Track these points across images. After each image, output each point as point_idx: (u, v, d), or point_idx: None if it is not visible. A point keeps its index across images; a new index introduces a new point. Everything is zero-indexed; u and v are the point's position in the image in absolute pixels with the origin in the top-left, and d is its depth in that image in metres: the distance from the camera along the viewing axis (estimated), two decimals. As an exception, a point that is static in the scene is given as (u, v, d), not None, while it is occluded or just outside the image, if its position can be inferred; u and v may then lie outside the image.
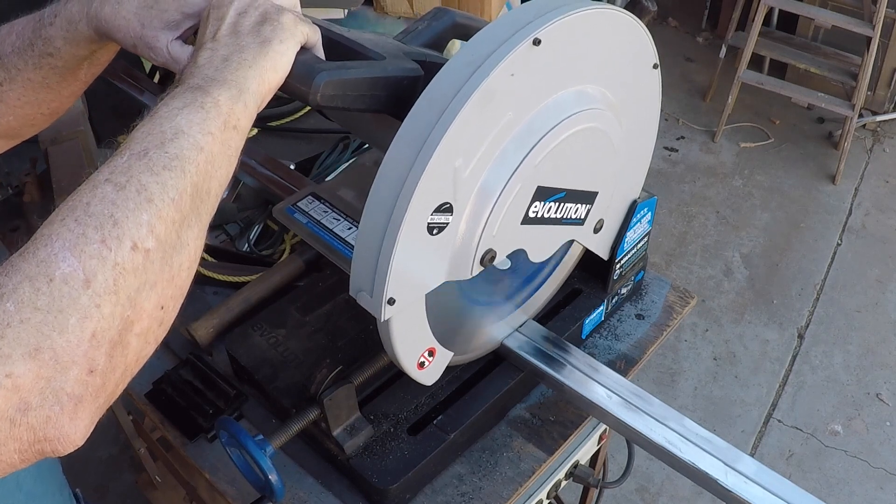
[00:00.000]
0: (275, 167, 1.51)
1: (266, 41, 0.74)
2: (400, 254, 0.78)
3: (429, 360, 0.97)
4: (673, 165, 3.72)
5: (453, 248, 0.85)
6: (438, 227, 0.81)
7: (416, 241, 0.80)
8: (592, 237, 1.07)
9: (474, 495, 1.06)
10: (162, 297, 0.61)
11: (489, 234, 0.85)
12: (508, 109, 0.81)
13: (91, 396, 0.55)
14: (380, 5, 2.23)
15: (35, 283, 0.53)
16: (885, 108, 3.93)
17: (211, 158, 0.65)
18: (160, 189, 0.60)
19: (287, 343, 1.16)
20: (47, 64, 0.83)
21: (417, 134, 0.77)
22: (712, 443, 0.98)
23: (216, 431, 1.10)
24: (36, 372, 0.51)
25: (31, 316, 0.52)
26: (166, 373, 1.22)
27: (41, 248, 0.55)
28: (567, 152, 0.90)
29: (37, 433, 0.53)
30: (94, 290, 0.54)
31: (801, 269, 3.21)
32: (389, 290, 0.80)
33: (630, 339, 1.28)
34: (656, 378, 2.77)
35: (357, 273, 0.83)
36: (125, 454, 2.48)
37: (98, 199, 0.57)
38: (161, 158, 0.61)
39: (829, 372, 2.82)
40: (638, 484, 2.45)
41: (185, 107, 0.65)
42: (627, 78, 0.97)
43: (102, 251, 0.55)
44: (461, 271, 0.87)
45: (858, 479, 2.49)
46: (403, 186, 0.77)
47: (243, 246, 1.45)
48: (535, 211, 0.90)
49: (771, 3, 3.48)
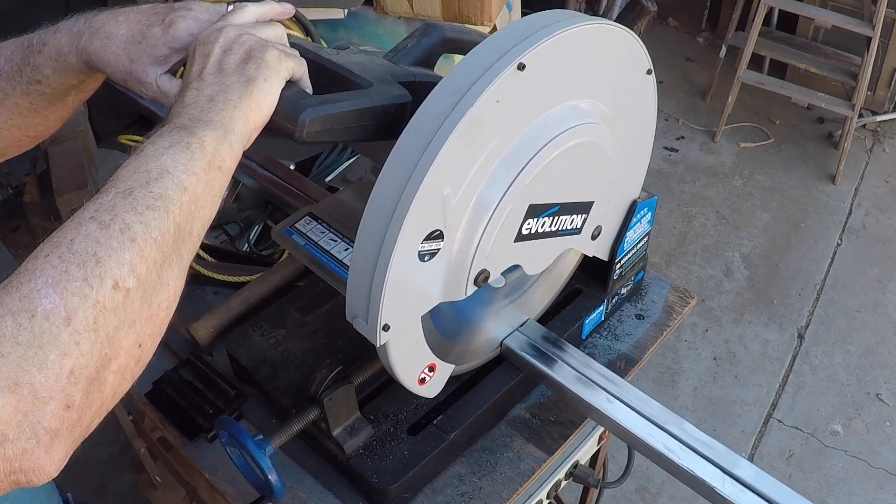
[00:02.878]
0: (275, 167, 1.51)
1: (251, 80, 0.74)
2: (392, 282, 0.79)
3: (429, 376, 0.98)
4: (673, 165, 3.72)
5: (446, 272, 0.85)
6: (430, 254, 0.81)
7: (408, 268, 0.80)
8: (590, 244, 1.07)
9: (474, 495, 1.06)
10: (140, 335, 0.61)
11: (482, 255, 0.85)
12: (496, 134, 0.81)
13: (67, 431, 0.56)
14: (380, 5, 2.23)
15: (17, 318, 0.53)
16: (885, 108, 3.93)
17: (195, 199, 0.66)
18: (143, 229, 0.60)
19: (287, 343, 1.16)
20: (35, 91, 0.84)
21: (405, 164, 0.77)
22: (711, 447, 0.98)
23: (216, 431, 1.10)
24: (14, 405, 0.52)
25: (11, 350, 0.52)
26: (166, 373, 1.22)
27: (24, 284, 0.55)
28: (559, 168, 0.89)
29: (12, 464, 0.53)
30: (74, 327, 0.55)
31: (801, 269, 3.21)
32: (384, 317, 0.81)
33: (630, 339, 1.28)
34: (656, 378, 2.77)
35: (352, 300, 0.84)
36: (125, 454, 2.48)
37: (82, 236, 0.58)
38: (145, 198, 0.62)
39: (829, 372, 2.81)
40: (638, 484, 2.45)
41: (171, 146, 0.66)
42: (620, 88, 0.96)
43: (84, 289, 0.56)
44: (455, 293, 0.87)
45: (858, 479, 2.49)
46: (392, 217, 0.77)
47: (243, 246, 1.46)
48: (528, 228, 0.90)
49: (771, 3, 3.48)
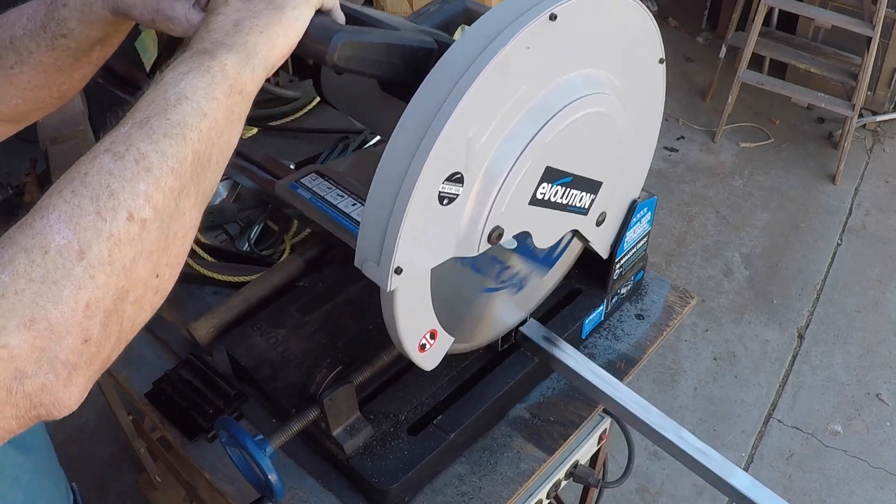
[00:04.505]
0: (275, 167, 1.51)
1: (279, 7, 0.72)
2: (409, 221, 0.78)
3: (430, 343, 0.97)
4: (673, 165, 3.72)
5: (462, 222, 0.85)
6: (449, 198, 0.81)
7: (427, 209, 0.79)
8: (595, 230, 1.07)
9: (474, 495, 1.06)
10: (157, 265, 0.60)
11: (497, 211, 0.85)
12: (522, 83, 0.82)
13: (85, 364, 0.56)
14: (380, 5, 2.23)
15: (30, 255, 0.53)
16: (885, 108, 3.93)
17: (214, 125, 0.64)
18: (159, 158, 0.59)
19: (287, 343, 1.16)
20: (60, 46, 0.83)
21: (433, 101, 0.77)
22: (708, 455, 0.98)
23: (216, 431, 1.10)
24: (31, 342, 0.52)
25: (25, 287, 0.52)
26: (166, 373, 1.22)
27: (37, 220, 0.55)
28: (576, 135, 0.90)
29: (32, 400, 0.54)
30: (88, 261, 0.55)
31: (801, 269, 3.21)
32: (397, 258, 0.79)
33: (630, 339, 1.28)
34: (656, 378, 2.77)
35: (364, 242, 0.82)
36: (125, 454, 2.48)
37: (96, 169, 0.58)
38: (162, 126, 0.61)
39: (829, 372, 2.81)
40: (638, 484, 2.45)
41: (191, 71, 0.65)
42: (635, 68, 0.98)
43: (97, 223, 0.55)
44: (468, 247, 0.86)
45: (858, 479, 2.49)
46: (416, 152, 0.77)
47: (243, 246, 1.45)
48: (542, 192, 0.90)
49: (771, 3, 3.48)
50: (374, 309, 1.21)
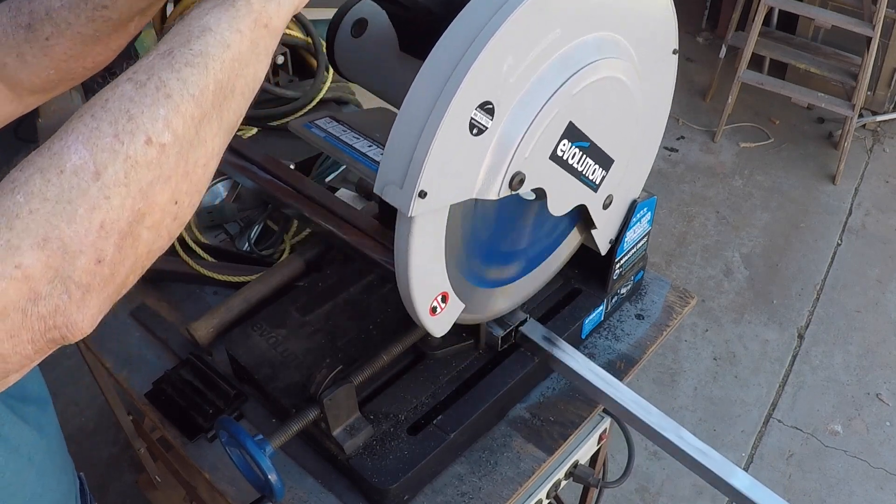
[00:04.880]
0: (275, 167, 1.51)
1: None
2: (440, 142, 0.77)
3: (441, 307, 0.97)
4: (673, 165, 3.72)
5: (486, 159, 0.85)
6: (479, 128, 0.81)
7: (457, 135, 0.79)
8: (601, 212, 1.08)
9: (474, 495, 1.06)
10: (176, 191, 0.61)
11: (521, 156, 0.86)
12: (558, 26, 0.83)
13: (99, 286, 0.56)
14: (380, 5, 2.22)
15: (46, 175, 0.54)
16: (885, 108, 3.93)
17: (238, 56, 0.65)
18: (180, 85, 0.60)
19: (287, 343, 1.16)
20: (101, 17, 0.82)
21: (471, 28, 0.78)
22: (708, 455, 0.98)
23: (216, 431, 1.10)
24: (44, 262, 0.53)
25: (39, 207, 0.53)
26: (166, 373, 1.22)
27: (56, 142, 0.56)
28: (598, 97, 0.91)
29: (47, 322, 0.54)
30: (103, 181, 0.55)
31: (801, 269, 3.21)
32: (423, 180, 0.79)
33: (630, 339, 1.28)
34: (656, 378, 2.77)
35: (388, 165, 0.81)
36: (125, 454, 2.48)
37: (117, 96, 0.59)
38: (184, 55, 0.61)
39: (829, 372, 2.82)
40: (638, 484, 2.45)
41: (217, 6, 0.65)
42: (652, 51, 0.99)
43: (114, 144, 0.56)
44: (490, 188, 0.86)
45: (858, 479, 2.49)
46: (453, 74, 0.77)
47: (243, 246, 1.45)
48: (562, 150, 0.91)
49: (771, 3, 3.48)
50: (374, 309, 1.22)
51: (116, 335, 1.31)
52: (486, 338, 1.14)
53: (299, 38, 1.79)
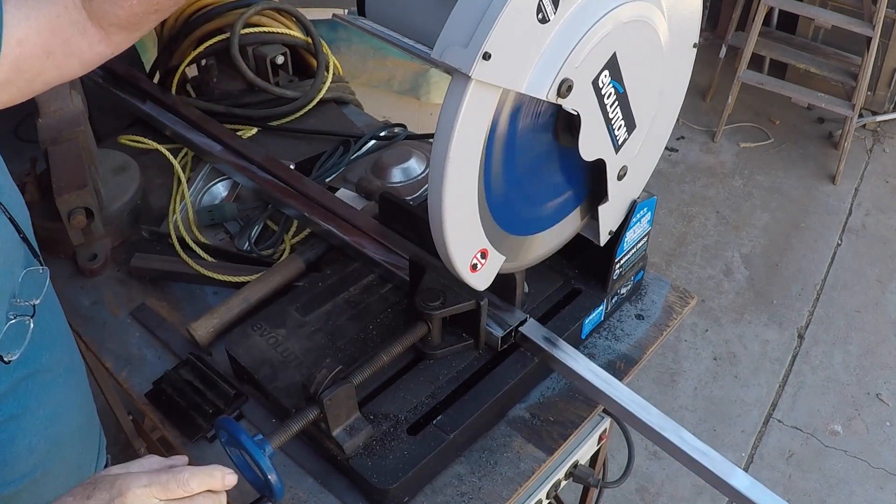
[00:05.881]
0: (275, 167, 1.51)
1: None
2: (510, 9, 0.78)
3: (481, 263, 0.98)
4: (673, 165, 3.72)
5: (545, 52, 0.86)
6: (544, 14, 0.83)
7: (524, 12, 0.81)
8: (615, 182, 1.09)
9: (474, 495, 1.06)
10: None
11: (573, 63, 0.87)
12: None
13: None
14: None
15: None
16: (885, 108, 3.93)
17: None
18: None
19: (287, 343, 1.16)
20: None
21: None
22: (708, 456, 0.98)
23: (216, 431, 1.10)
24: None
25: None
26: (166, 373, 1.22)
27: None
28: (638, 44, 0.94)
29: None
30: None
31: (801, 269, 3.21)
32: (490, 41, 0.79)
33: (630, 340, 1.28)
34: (656, 378, 2.77)
35: (454, 27, 0.82)
36: (125, 454, 2.48)
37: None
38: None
39: (829, 372, 2.82)
40: (638, 484, 2.45)
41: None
42: (679, 34, 1.02)
43: None
44: (541, 86, 0.87)
45: (858, 479, 2.49)
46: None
47: (243, 245, 1.45)
48: (602, 82, 0.93)
49: (771, 3, 3.48)
50: (374, 309, 1.22)
51: (116, 335, 1.31)
52: (485, 338, 1.14)
53: (299, 38, 1.79)
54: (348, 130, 1.73)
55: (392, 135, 1.72)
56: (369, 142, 1.68)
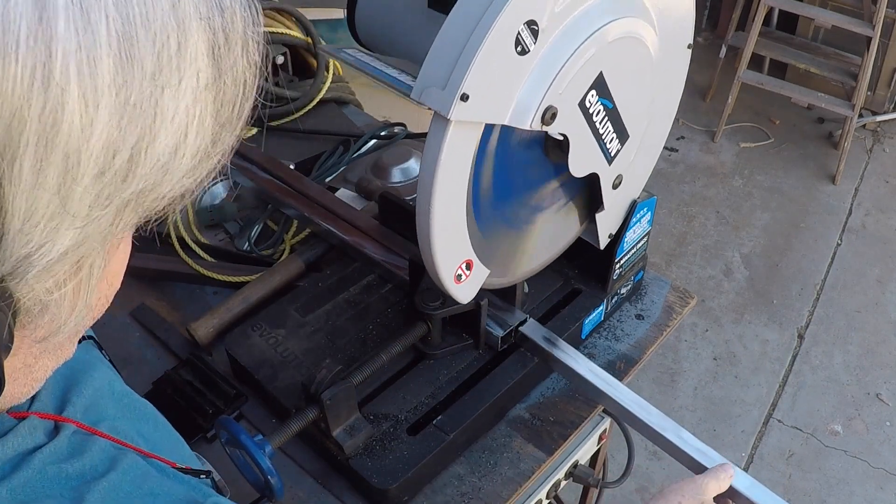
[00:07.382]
0: (275, 167, 1.51)
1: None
2: (486, 49, 0.77)
3: (466, 274, 0.97)
4: (673, 165, 3.72)
5: (526, 83, 0.85)
6: (523, 47, 0.81)
7: (502, 48, 0.79)
8: (611, 192, 1.08)
9: (474, 495, 1.06)
10: None
11: (556, 90, 0.86)
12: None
13: None
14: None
15: None
16: (885, 108, 3.93)
17: None
18: None
19: (287, 343, 1.16)
20: None
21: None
22: (708, 455, 0.98)
23: (216, 431, 1.10)
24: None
25: None
26: (166, 373, 1.22)
27: None
28: (628, 57, 0.93)
29: None
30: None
31: (801, 269, 3.21)
32: (467, 83, 0.78)
33: (630, 340, 1.28)
34: (656, 378, 2.77)
35: (430, 68, 0.81)
36: (125, 454, 2.48)
37: None
38: None
39: (829, 372, 2.81)
40: (638, 484, 2.45)
41: None
42: (672, 35, 1.01)
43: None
44: (523, 117, 0.86)
45: (858, 479, 2.49)
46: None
47: (243, 245, 1.45)
48: (589, 102, 0.92)
49: (771, 3, 3.48)
50: (374, 309, 1.22)
51: (116, 335, 1.31)
52: (485, 338, 1.14)
53: (299, 38, 1.79)
54: (348, 130, 1.73)
55: (392, 134, 1.72)
56: (369, 141, 1.69)
